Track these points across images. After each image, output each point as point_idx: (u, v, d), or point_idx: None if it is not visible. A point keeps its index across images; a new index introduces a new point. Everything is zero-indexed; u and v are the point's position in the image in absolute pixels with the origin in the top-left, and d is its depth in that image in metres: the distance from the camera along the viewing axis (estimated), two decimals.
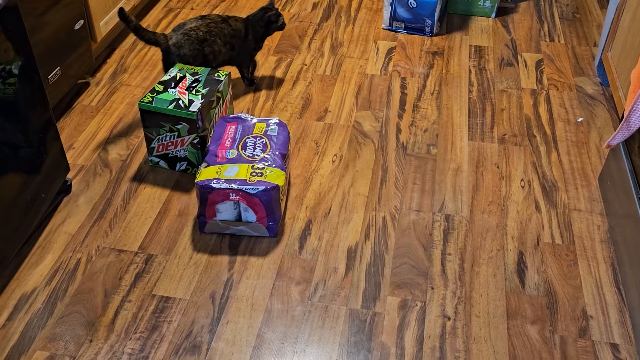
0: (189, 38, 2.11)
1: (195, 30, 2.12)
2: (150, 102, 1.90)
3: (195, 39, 2.11)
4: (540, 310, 1.62)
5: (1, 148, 1.57)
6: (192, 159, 1.97)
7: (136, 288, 1.65)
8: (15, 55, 1.58)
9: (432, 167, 2.06)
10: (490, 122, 2.26)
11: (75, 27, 2.18)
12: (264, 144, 1.86)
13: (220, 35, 2.19)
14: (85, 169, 2.02)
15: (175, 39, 2.09)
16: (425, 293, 1.66)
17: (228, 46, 2.22)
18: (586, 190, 1.98)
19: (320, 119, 2.26)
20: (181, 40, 2.09)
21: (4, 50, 1.54)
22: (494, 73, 2.52)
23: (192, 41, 2.10)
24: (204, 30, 2.14)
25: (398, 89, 2.42)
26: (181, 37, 2.10)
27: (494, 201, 1.94)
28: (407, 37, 2.74)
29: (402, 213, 1.89)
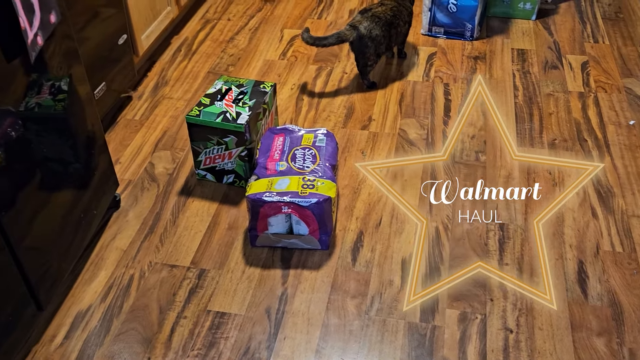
0: (380, 20, 2.34)
1: (384, 14, 2.37)
2: (198, 116, 1.90)
3: (385, 22, 2.36)
4: (605, 321, 1.57)
5: (52, 164, 1.57)
6: (240, 172, 1.96)
7: (191, 304, 1.64)
8: (65, 72, 1.58)
9: (482, 174, 2.02)
10: (538, 127, 2.22)
11: (118, 42, 2.19)
12: (313, 155, 1.83)
13: (401, 16, 2.44)
14: (133, 184, 2.02)
15: (366, 23, 2.32)
16: (485, 305, 1.62)
17: (407, 25, 2.50)
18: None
19: (364, 128, 2.23)
20: (372, 24, 2.32)
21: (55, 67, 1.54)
22: (538, 76, 2.47)
23: (382, 23, 2.34)
24: (391, 14, 2.38)
25: (442, 95, 2.38)
26: (371, 20, 2.33)
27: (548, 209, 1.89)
28: (447, 42, 2.70)
29: (454, 223, 1.85)
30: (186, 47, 2.72)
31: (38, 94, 1.47)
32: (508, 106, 2.31)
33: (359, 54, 2.36)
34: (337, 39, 2.32)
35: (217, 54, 2.67)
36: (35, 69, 1.44)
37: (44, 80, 1.49)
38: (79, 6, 1.91)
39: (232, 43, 2.74)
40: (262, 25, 2.87)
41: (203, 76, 2.53)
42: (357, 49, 2.36)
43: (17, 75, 1.39)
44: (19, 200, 1.41)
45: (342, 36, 2.32)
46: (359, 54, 2.37)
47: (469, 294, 1.64)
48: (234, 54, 2.67)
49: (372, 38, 2.33)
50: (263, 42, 2.75)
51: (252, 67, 2.58)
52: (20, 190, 1.42)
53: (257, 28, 2.85)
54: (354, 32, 2.32)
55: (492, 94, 2.37)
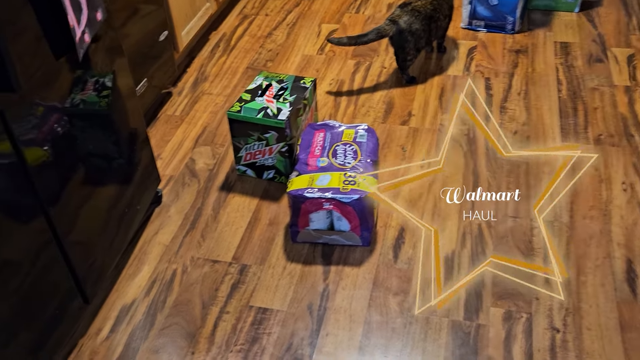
0: (420, 14, 2.30)
1: (424, 7, 2.33)
2: (239, 112, 1.90)
3: (425, 15, 2.32)
4: None
5: (96, 160, 1.59)
6: (280, 168, 1.96)
7: (233, 299, 1.65)
8: (110, 68, 1.60)
9: (526, 170, 1.98)
10: (583, 122, 2.16)
11: (159, 39, 2.21)
12: (354, 151, 1.82)
13: (441, 10, 2.40)
14: (174, 179, 2.04)
15: (406, 17, 2.29)
16: (530, 304, 1.59)
17: (447, 19, 2.47)
18: None
19: (404, 123, 2.21)
20: (412, 17, 2.29)
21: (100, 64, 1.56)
22: (583, 70, 2.41)
23: (422, 17, 2.31)
24: (431, 8, 2.34)
25: (483, 90, 2.34)
26: (411, 14, 2.29)
27: (595, 206, 1.85)
28: (488, 36, 2.66)
29: (498, 220, 1.82)
30: (224, 42, 2.73)
31: (83, 90, 1.49)
32: (551, 100, 2.26)
33: (399, 48, 2.34)
34: (376, 34, 2.30)
35: (255, 50, 2.67)
36: (82, 65, 1.46)
37: (89, 76, 1.50)
38: (120, 3, 1.92)
39: (270, 38, 2.74)
40: (300, 20, 2.86)
41: (242, 72, 2.54)
42: (397, 44, 2.33)
43: (64, 72, 1.41)
44: (64, 195, 1.44)
45: (382, 31, 2.30)
46: (398, 48, 2.34)
47: (513, 293, 1.62)
48: (272, 49, 2.67)
49: (412, 32, 2.30)
50: (301, 37, 2.74)
51: (291, 63, 2.57)
52: (65, 186, 1.45)
53: (295, 23, 2.84)
54: (393, 26, 2.29)
55: (535, 88, 2.33)
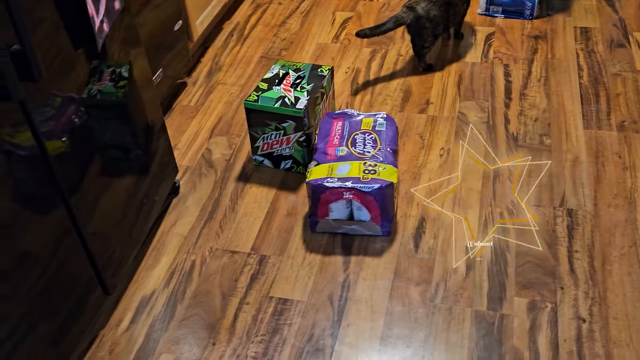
0: (438, 1, 2.27)
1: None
2: (256, 101, 1.88)
3: (443, 1, 2.29)
4: None
5: (114, 151, 1.58)
6: (298, 157, 1.94)
7: (253, 290, 1.63)
8: (127, 58, 1.58)
9: (547, 157, 1.95)
10: (605, 108, 2.12)
11: (174, 28, 2.19)
12: (373, 140, 1.80)
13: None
14: (191, 170, 2.02)
15: (423, 3, 2.26)
16: (555, 294, 1.56)
17: (465, 5, 2.44)
18: None
19: (422, 112, 2.18)
20: (430, 4, 2.26)
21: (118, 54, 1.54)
22: (604, 56, 2.37)
23: (440, 3, 2.28)
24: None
25: (502, 77, 2.31)
26: (429, 1, 2.26)
27: (619, 194, 1.81)
28: (506, 22, 2.61)
29: (519, 209, 1.79)
30: (238, 32, 2.71)
31: (100, 80, 1.47)
32: (572, 87, 2.22)
33: (416, 35, 2.31)
34: (394, 23, 2.26)
35: (269, 39, 2.64)
36: (99, 55, 1.44)
37: (107, 67, 1.49)
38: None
39: (283, 27, 2.71)
40: (314, 8, 2.83)
41: (256, 61, 2.51)
42: (414, 31, 2.30)
43: (81, 62, 1.40)
44: (82, 186, 1.43)
45: (400, 19, 2.26)
46: (415, 35, 2.31)
47: (537, 282, 1.59)
48: (286, 38, 2.64)
49: (430, 19, 2.26)
50: (315, 25, 2.71)
51: (305, 52, 2.55)
52: (83, 176, 1.43)
53: (309, 11, 2.81)
54: (411, 13, 2.26)
55: (555, 74, 2.29)
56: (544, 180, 1.87)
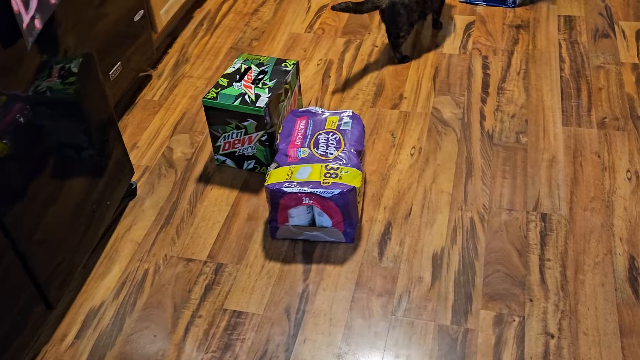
0: None
1: None
2: (215, 98, 1.78)
3: None
4: None
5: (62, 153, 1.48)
6: (260, 157, 1.84)
7: (206, 301, 1.55)
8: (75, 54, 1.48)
9: (523, 158, 1.85)
10: (586, 104, 2.03)
11: (134, 19, 2.08)
12: (337, 140, 1.70)
13: None
14: (150, 170, 1.93)
15: None
16: (523, 306, 1.48)
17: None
18: None
19: (395, 107, 2.08)
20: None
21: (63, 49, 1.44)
22: (587, 47, 2.26)
23: None
24: None
25: (479, 70, 2.20)
26: None
27: (596, 197, 1.72)
28: (487, 10, 2.50)
29: (491, 212, 1.70)
30: (208, 21, 2.59)
31: (45, 77, 1.37)
32: (553, 81, 2.12)
33: (391, 23, 2.20)
34: (371, 4, 2.14)
35: (240, 28, 2.53)
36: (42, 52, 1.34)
37: (51, 63, 1.38)
38: None
39: (256, 15, 2.60)
40: None
41: (225, 52, 2.41)
42: (389, 18, 2.19)
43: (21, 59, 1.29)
44: (27, 192, 1.33)
45: (376, 2, 2.15)
46: (390, 23, 2.20)
47: (505, 293, 1.51)
48: (258, 27, 2.53)
49: (405, 4, 2.16)
50: (289, 13, 2.60)
51: (277, 42, 2.44)
52: (28, 182, 1.34)
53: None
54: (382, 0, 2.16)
55: (535, 67, 2.18)
56: (518, 181, 1.78)
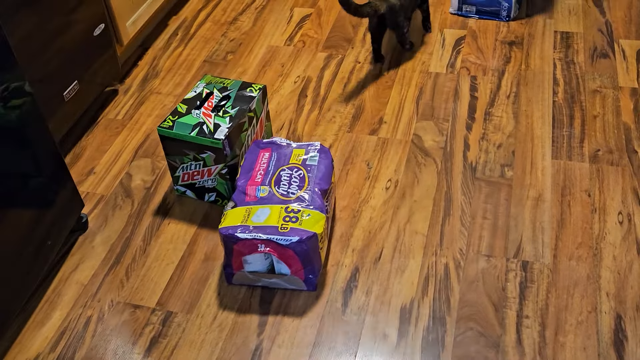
0: None
1: None
2: (171, 128, 1.64)
3: None
4: None
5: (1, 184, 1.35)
6: (222, 190, 1.71)
7: (150, 358, 1.42)
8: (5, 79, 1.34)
9: (507, 195, 1.70)
10: (579, 133, 1.87)
11: (94, 33, 1.93)
12: (301, 177, 1.56)
13: None
14: (105, 200, 1.80)
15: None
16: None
17: None
18: None
19: (373, 132, 1.93)
20: None
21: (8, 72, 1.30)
22: (584, 67, 2.10)
23: None
24: None
25: (467, 91, 2.05)
26: None
27: (583, 242, 1.57)
28: (479, 24, 2.34)
29: (468, 259, 1.56)
30: (184, 30, 2.45)
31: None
32: (545, 106, 1.97)
33: (394, 25, 2.13)
34: (370, 9, 2.01)
35: (216, 39, 2.38)
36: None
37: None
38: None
39: (234, 25, 2.45)
40: (270, 3, 2.56)
41: (198, 66, 2.26)
42: (390, 21, 2.10)
43: None
44: None
45: (374, 6, 2.02)
46: (393, 26, 2.13)
47: (477, 357, 1.37)
48: (235, 38, 2.38)
49: (402, 5, 2.08)
50: (269, 23, 2.44)
51: (254, 55, 2.29)
52: None
53: (265, 6, 2.54)
54: (384, 3, 2.04)
55: (527, 90, 2.02)
56: (500, 222, 1.63)
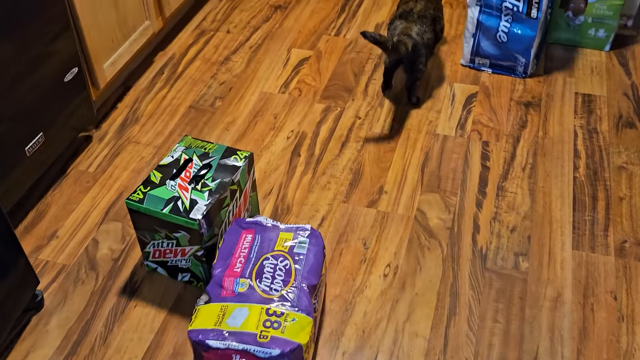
0: (427, 20, 1.94)
1: (426, 10, 1.96)
2: (141, 201, 1.43)
3: (431, 19, 1.96)
4: None
5: None
6: (197, 272, 1.50)
7: None
8: None
9: (522, 292, 1.50)
10: (603, 219, 1.67)
11: (65, 79, 1.73)
12: (287, 269, 1.35)
13: (439, 7, 2.04)
14: (66, 271, 1.58)
15: (417, 28, 1.90)
16: None
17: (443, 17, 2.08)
18: None
19: (372, 204, 1.73)
20: (422, 27, 1.92)
21: None
22: (608, 138, 1.90)
23: (429, 23, 1.95)
24: (432, 7, 1.99)
25: (478, 160, 1.85)
26: (420, 22, 1.92)
27: (609, 359, 1.37)
28: (493, 79, 2.14)
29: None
30: (170, 68, 2.24)
31: None
32: (564, 182, 1.77)
33: (411, 66, 1.94)
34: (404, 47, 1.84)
35: (205, 81, 2.18)
36: None
37: None
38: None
39: (225, 66, 2.25)
40: (267, 41, 2.36)
41: (183, 112, 2.05)
42: (409, 60, 1.92)
43: None
44: None
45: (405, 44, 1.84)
46: (410, 65, 1.94)
47: None
48: (226, 81, 2.17)
49: (425, 44, 1.92)
50: (264, 65, 2.24)
51: (245, 103, 2.08)
52: None
53: (260, 45, 2.34)
54: (409, 41, 1.86)
55: (544, 162, 1.82)
56: (513, 328, 1.43)
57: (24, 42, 1.55)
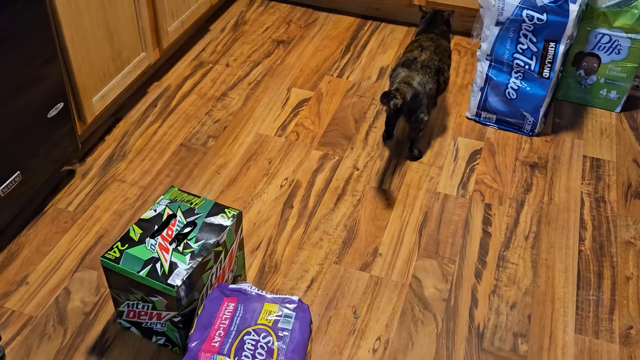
0: (430, 70, 1.86)
1: (431, 61, 1.88)
2: (117, 261, 1.33)
3: (435, 70, 1.88)
4: None
5: None
6: (173, 338, 1.39)
7: None
8: None
9: None
10: (608, 299, 1.57)
11: (48, 115, 1.63)
12: (269, 347, 1.25)
13: (444, 59, 1.95)
14: (33, 324, 1.47)
15: (419, 78, 1.82)
16: None
17: (449, 69, 1.99)
18: None
19: (365, 268, 1.63)
20: (425, 76, 1.83)
21: None
22: (616, 209, 1.81)
23: (433, 73, 1.87)
24: (438, 59, 1.91)
25: (479, 224, 1.75)
26: (423, 72, 1.84)
27: None
28: (499, 135, 2.05)
29: None
30: (164, 101, 2.15)
31: None
32: (569, 256, 1.67)
33: (411, 114, 1.86)
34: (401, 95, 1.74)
35: (199, 117, 2.08)
36: None
37: None
38: None
39: (222, 102, 2.15)
40: (267, 78, 2.27)
41: (173, 150, 1.96)
42: (409, 110, 1.85)
43: None
44: None
45: (403, 93, 1.74)
46: (411, 115, 1.86)
47: None
48: (221, 119, 2.08)
49: (427, 94, 1.85)
50: (261, 105, 2.15)
51: (239, 144, 1.99)
52: None
53: (259, 82, 2.25)
54: (409, 90, 1.78)
55: (549, 231, 1.73)
56: None
57: (3, 72, 1.46)
